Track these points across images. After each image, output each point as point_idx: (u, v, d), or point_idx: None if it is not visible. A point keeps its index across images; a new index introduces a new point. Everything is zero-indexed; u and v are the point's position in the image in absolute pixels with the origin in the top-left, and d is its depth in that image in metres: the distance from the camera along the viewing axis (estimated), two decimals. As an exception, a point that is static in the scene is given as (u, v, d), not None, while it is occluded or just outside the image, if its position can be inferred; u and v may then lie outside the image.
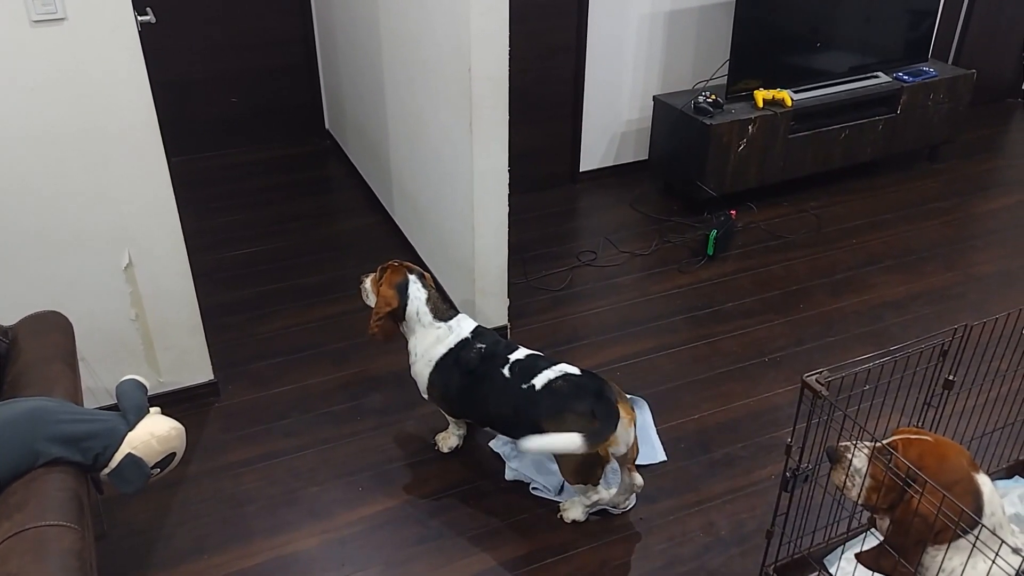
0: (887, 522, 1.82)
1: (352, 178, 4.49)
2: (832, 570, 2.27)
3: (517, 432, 2.44)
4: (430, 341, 2.54)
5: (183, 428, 2.05)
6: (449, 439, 2.74)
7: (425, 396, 2.63)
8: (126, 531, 2.46)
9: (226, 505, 2.55)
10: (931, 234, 4.07)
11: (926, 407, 2.18)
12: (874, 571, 1.83)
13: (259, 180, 4.48)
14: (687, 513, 2.54)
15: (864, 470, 1.82)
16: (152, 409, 2.02)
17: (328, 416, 2.89)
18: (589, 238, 4.03)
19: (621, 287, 3.64)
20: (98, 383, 2.74)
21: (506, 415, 2.43)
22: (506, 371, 2.43)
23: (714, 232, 3.78)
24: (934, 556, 1.75)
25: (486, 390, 2.45)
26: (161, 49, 4.18)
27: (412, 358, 2.59)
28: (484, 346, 2.50)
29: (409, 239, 3.83)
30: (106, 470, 1.91)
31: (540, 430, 2.33)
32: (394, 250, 3.84)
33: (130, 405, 1.96)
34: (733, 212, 3.93)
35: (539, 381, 2.37)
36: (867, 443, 1.85)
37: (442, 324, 2.54)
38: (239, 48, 4.48)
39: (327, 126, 4.90)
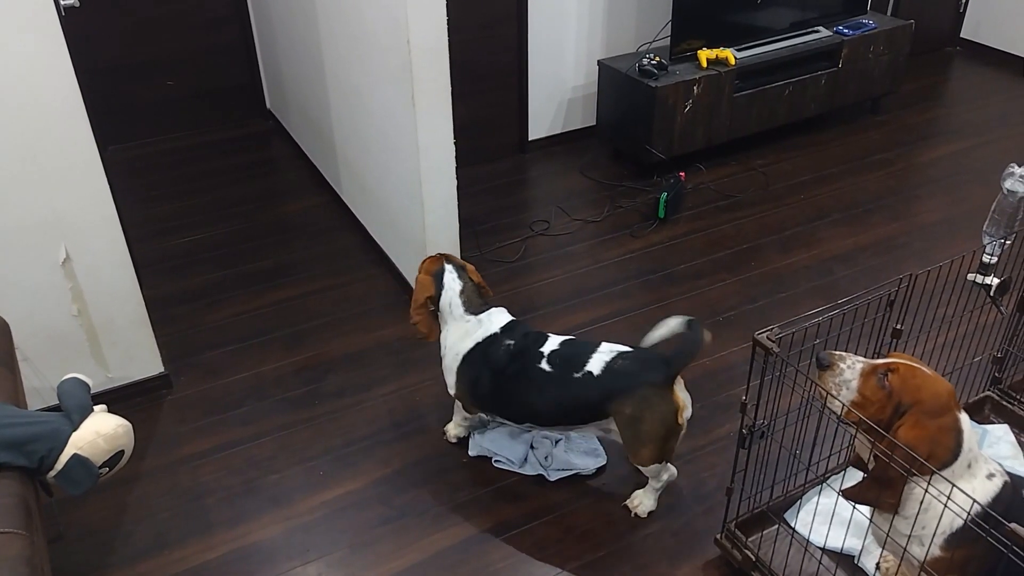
0: (869, 457, 1.82)
1: (297, 159, 4.40)
2: (792, 523, 2.31)
3: (573, 422, 2.37)
4: (459, 335, 2.43)
5: (130, 425, 2.01)
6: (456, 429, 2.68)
7: (452, 393, 2.51)
8: (84, 531, 2.41)
9: (184, 498, 2.51)
10: (876, 186, 4.13)
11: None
12: (860, 504, 1.83)
13: (201, 165, 4.37)
14: (649, 476, 2.56)
15: (853, 383, 1.80)
16: (97, 407, 1.97)
17: (284, 402, 2.85)
18: (541, 207, 4.01)
19: (575, 255, 3.64)
20: (44, 383, 2.66)
21: (562, 407, 2.32)
22: (545, 365, 2.32)
23: (664, 195, 3.78)
24: (912, 487, 1.76)
25: (524, 388, 2.34)
26: (89, 35, 4.04)
27: (442, 351, 2.48)
28: (512, 342, 2.38)
29: (358, 217, 3.77)
30: (52, 472, 1.86)
31: (605, 414, 2.28)
32: (343, 230, 3.79)
33: (73, 404, 1.91)
34: (682, 174, 3.94)
35: (595, 366, 2.27)
36: (860, 358, 1.83)
37: (472, 317, 2.42)
38: (172, 30, 4.35)
39: (268, 106, 4.79)
